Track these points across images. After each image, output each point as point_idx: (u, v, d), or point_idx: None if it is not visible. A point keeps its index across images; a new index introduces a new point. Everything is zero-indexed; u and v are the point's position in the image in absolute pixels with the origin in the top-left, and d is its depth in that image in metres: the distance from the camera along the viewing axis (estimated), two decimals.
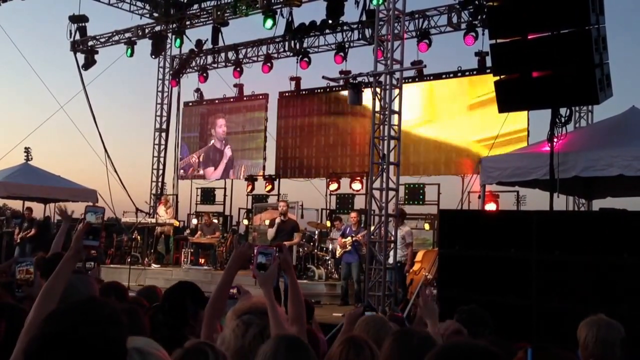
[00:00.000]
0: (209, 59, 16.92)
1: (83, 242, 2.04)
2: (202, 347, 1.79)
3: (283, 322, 2.37)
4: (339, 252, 10.49)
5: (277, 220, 9.69)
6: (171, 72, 17.74)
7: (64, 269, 2.01)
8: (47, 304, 1.84)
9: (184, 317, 2.84)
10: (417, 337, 2.25)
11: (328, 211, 14.32)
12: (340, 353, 2.26)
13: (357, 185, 13.62)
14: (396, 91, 9.14)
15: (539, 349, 1.38)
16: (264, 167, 15.78)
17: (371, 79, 9.40)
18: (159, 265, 13.36)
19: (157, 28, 16.71)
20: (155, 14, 16.77)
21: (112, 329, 1.30)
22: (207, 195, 16.41)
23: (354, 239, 10.13)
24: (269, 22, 13.91)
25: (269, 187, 15.21)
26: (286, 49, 15.24)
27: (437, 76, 13.37)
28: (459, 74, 13.01)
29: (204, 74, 16.95)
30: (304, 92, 15.34)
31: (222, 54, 16.59)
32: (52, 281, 1.97)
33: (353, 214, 11.01)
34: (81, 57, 17.14)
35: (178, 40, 16.35)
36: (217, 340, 2.34)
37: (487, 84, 10.80)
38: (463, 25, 12.59)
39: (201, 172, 17.19)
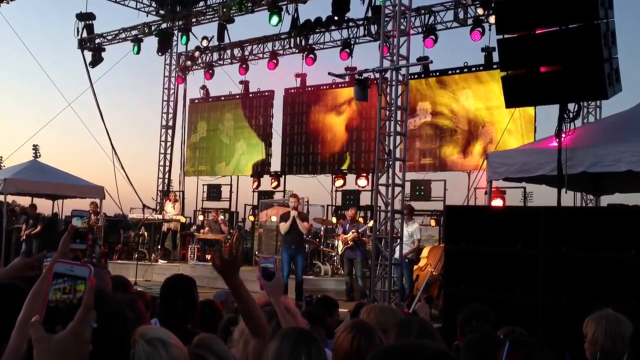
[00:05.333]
0: (215, 56, 16.94)
1: (70, 246, 2.07)
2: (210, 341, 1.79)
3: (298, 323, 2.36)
4: (340, 248, 10.53)
5: (293, 213, 9.64)
6: (177, 69, 17.78)
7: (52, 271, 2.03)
8: (36, 305, 1.85)
9: (178, 315, 2.87)
10: (416, 326, 2.25)
11: (334, 207, 14.32)
12: (351, 341, 2.21)
13: (362, 182, 13.61)
14: (402, 87, 9.11)
15: (516, 345, 1.37)
16: (269, 163, 15.78)
17: (377, 75, 9.38)
18: (165, 261, 13.43)
19: (164, 25, 16.74)
20: (162, 12, 16.83)
21: (118, 324, 1.30)
22: (213, 192, 16.44)
23: (354, 234, 10.16)
24: (275, 19, 13.90)
25: (275, 183, 15.23)
26: (292, 45, 15.23)
27: (443, 72, 13.31)
28: (465, 70, 12.96)
29: (210, 71, 16.97)
30: (309, 89, 15.32)
31: (228, 51, 16.61)
32: (41, 282, 1.98)
33: (351, 211, 11.06)
34: (88, 55, 17.22)
35: (184, 38, 16.39)
36: (234, 332, 2.35)
37: None
38: (469, 21, 12.53)
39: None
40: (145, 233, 14.11)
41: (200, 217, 15.97)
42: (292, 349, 1.94)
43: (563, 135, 6.64)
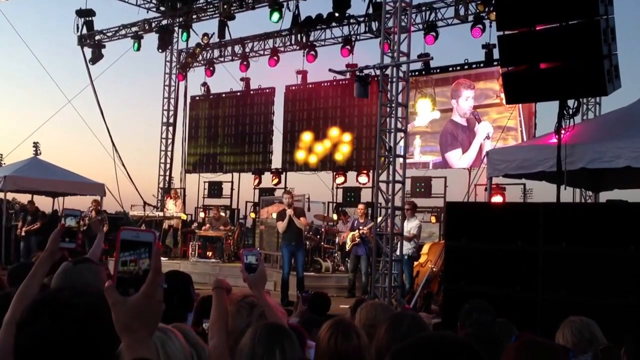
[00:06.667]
0: (216, 52, 16.93)
1: (59, 244, 2.08)
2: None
3: (281, 318, 2.37)
4: (348, 245, 10.51)
5: (290, 212, 9.60)
6: (178, 66, 17.77)
7: (40, 269, 2.05)
8: (23, 303, 1.87)
9: (173, 311, 2.89)
10: (408, 320, 2.27)
11: (335, 204, 14.35)
12: (329, 338, 2.25)
13: (363, 179, 13.63)
14: (402, 84, 9.12)
15: (522, 337, 1.39)
16: (270, 160, 15.79)
17: (377, 72, 9.38)
18: (167, 258, 13.45)
19: (164, 22, 16.73)
20: (162, 8, 16.80)
21: (101, 320, 1.32)
22: (214, 189, 16.46)
23: (361, 232, 10.16)
24: (276, 16, 13.91)
25: (276, 180, 15.25)
26: (292, 42, 15.23)
27: (444, 69, 13.32)
28: (466, 67, 12.96)
29: (211, 68, 16.96)
30: (310, 86, 15.32)
31: (229, 48, 16.61)
32: (28, 281, 2.00)
33: (360, 207, 11.00)
34: (88, 52, 17.23)
35: (185, 34, 16.38)
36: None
37: None
38: (470, 18, 12.53)
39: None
40: None
41: (202, 214, 16.00)
42: (265, 345, 1.95)
43: (562, 131, 6.65)
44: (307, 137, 14.96)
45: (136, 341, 1.06)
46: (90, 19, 16.74)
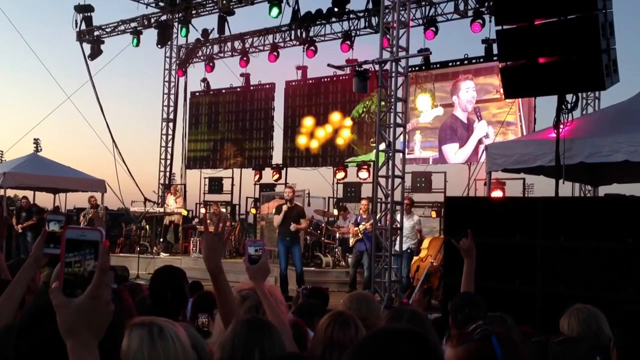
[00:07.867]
0: (215, 48, 16.93)
1: (44, 250, 2.07)
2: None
3: (280, 311, 2.38)
4: (352, 240, 10.54)
5: (285, 207, 9.64)
6: (178, 61, 17.76)
7: (24, 276, 2.05)
8: (6, 308, 1.89)
9: (166, 307, 2.91)
10: (407, 314, 2.31)
11: (335, 199, 14.38)
12: (326, 328, 2.27)
13: (363, 174, 13.65)
14: (402, 79, 9.13)
15: (502, 337, 1.40)
16: (271, 156, 15.82)
17: (377, 67, 9.38)
18: (167, 254, 13.50)
19: (163, 17, 16.71)
20: (161, 3, 16.78)
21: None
22: (215, 185, 16.49)
23: (363, 227, 10.19)
24: (275, 11, 13.90)
25: (277, 176, 15.28)
26: (292, 37, 15.22)
27: (444, 64, 13.31)
28: (466, 62, 12.96)
29: (211, 64, 16.96)
30: (310, 81, 15.32)
31: (229, 44, 16.60)
32: (12, 286, 2.00)
33: (363, 202, 11.04)
34: (87, 47, 17.22)
35: (184, 30, 16.37)
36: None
37: None
38: (470, 13, 12.52)
39: None
40: (147, 226, 14.17)
41: (202, 210, 16.04)
42: (244, 344, 1.94)
43: (561, 126, 6.67)
44: (308, 122, 14.90)
45: (80, 344, 1.00)
46: (89, 14, 16.72)
